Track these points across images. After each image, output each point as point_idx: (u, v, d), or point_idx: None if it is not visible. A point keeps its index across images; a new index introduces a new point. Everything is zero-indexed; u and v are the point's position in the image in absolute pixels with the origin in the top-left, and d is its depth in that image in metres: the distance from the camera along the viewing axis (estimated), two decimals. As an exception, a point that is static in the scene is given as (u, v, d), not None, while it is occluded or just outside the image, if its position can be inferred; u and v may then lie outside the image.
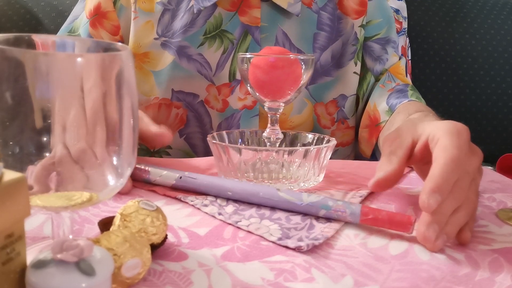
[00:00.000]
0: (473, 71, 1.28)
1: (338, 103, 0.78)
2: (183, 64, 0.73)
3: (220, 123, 0.75)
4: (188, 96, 0.74)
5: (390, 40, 0.80)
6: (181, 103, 0.74)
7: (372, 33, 0.80)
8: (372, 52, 0.80)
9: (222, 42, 0.73)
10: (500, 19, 1.31)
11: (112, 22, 0.76)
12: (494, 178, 0.60)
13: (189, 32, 0.73)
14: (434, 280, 0.34)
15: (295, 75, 0.54)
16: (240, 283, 0.33)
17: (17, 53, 0.26)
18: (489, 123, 1.29)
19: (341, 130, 0.80)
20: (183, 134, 0.76)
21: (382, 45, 0.80)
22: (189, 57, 0.73)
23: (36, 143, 0.27)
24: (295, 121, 0.77)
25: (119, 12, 0.75)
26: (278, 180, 0.51)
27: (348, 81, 0.78)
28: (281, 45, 0.75)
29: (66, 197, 0.28)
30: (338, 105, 0.78)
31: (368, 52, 0.79)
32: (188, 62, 0.73)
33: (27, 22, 1.21)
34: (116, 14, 0.75)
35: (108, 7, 0.75)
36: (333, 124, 0.79)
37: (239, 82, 0.74)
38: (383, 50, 0.80)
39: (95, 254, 0.26)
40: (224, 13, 0.74)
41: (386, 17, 0.81)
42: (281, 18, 0.75)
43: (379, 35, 0.80)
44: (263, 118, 0.75)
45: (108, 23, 0.76)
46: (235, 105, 0.75)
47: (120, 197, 0.47)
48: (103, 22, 0.76)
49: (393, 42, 0.81)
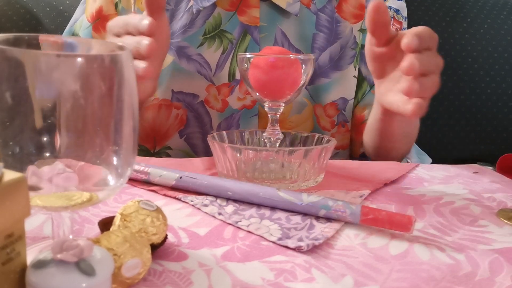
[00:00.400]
0: (473, 71, 1.28)
1: (339, 106, 0.78)
2: (182, 64, 0.73)
3: (220, 123, 0.75)
4: (188, 97, 0.74)
5: None
6: (181, 103, 0.74)
7: None
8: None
9: (221, 42, 0.73)
10: (500, 19, 1.31)
11: None
12: (494, 178, 0.60)
13: (188, 32, 0.73)
14: (434, 280, 0.34)
15: (295, 75, 0.54)
16: (240, 283, 0.33)
17: (17, 53, 0.26)
18: (489, 123, 1.29)
19: (341, 133, 0.80)
20: (183, 134, 0.76)
21: None
22: (188, 57, 0.73)
23: (36, 143, 0.27)
24: (295, 121, 0.77)
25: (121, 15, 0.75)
26: (278, 180, 0.51)
27: (348, 85, 0.78)
28: (280, 45, 0.75)
29: (66, 197, 0.28)
30: (338, 108, 0.79)
31: (363, 60, 0.80)
32: (188, 62, 0.73)
33: (27, 22, 1.21)
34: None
35: (110, 10, 0.75)
36: (333, 127, 0.79)
37: (238, 82, 0.74)
38: None
39: (95, 254, 0.26)
40: (223, 13, 0.74)
41: None
42: (280, 18, 0.75)
43: None
44: (263, 118, 0.76)
45: None
46: (235, 105, 0.75)
47: (120, 197, 0.47)
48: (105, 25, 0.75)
49: None
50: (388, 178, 0.56)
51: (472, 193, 0.54)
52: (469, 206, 0.49)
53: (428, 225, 0.44)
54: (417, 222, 0.44)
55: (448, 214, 0.47)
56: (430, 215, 0.46)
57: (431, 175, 0.60)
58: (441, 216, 0.46)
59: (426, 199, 0.51)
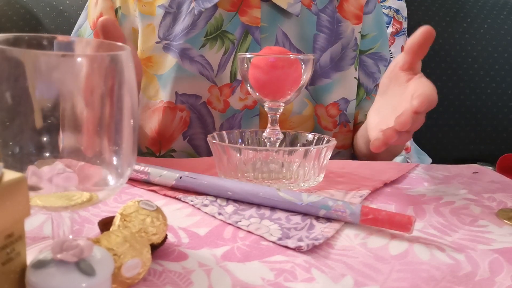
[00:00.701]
0: (473, 71, 1.28)
1: (340, 106, 0.79)
2: (185, 66, 0.73)
3: (222, 123, 0.76)
4: (191, 98, 0.74)
5: (382, 57, 0.82)
6: (184, 105, 0.75)
7: (367, 46, 0.81)
8: (365, 67, 0.81)
9: (223, 43, 0.74)
10: (500, 19, 1.31)
11: None
12: (494, 178, 0.60)
13: (190, 34, 0.73)
14: (434, 280, 0.34)
15: (295, 75, 0.54)
16: (240, 283, 0.33)
17: (17, 53, 0.26)
18: (489, 123, 1.29)
19: (343, 133, 0.80)
20: (187, 136, 0.76)
21: (375, 61, 0.81)
22: (191, 59, 0.73)
23: (36, 143, 0.27)
24: (295, 121, 0.77)
25: (121, 21, 0.76)
26: (278, 180, 0.51)
27: (349, 85, 0.79)
28: (281, 45, 0.75)
29: (66, 197, 0.28)
30: (340, 108, 0.79)
31: (361, 66, 0.80)
32: (191, 64, 0.73)
33: (27, 22, 1.21)
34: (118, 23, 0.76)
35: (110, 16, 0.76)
36: (335, 127, 0.79)
37: (239, 82, 0.74)
38: (376, 67, 0.81)
39: (95, 254, 0.26)
40: (224, 13, 0.74)
41: (381, 31, 0.82)
42: (281, 19, 0.75)
43: (373, 49, 0.81)
44: (264, 118, 0.76)
45: None
46: (236, 105, 0.75)
47: (120, 197, 0.47)
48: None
49: (385, 60, 0.83)
50: (388, 178, 0.56)
51: (472, 193, 0.54)
52: (469, 206, 0.50)
53: (428, 225, 0.44)
54: (417, 222, 0.44)
55: (448, 214, 0.47)
56: (430, 215, 0.46)
57: (431, 175, 0.60)
58: (441, 216, 0.46)
59: (426, 199, 0.51)
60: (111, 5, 0.76)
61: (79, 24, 0.80)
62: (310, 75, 0.55)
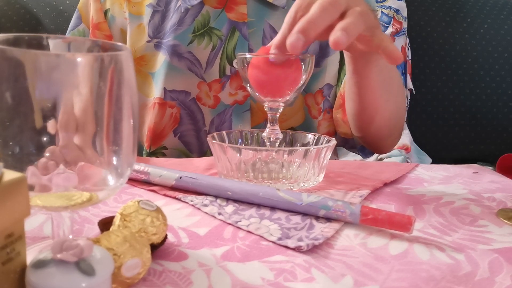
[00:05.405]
0: (473, 71, 1.28)
1: (324, 92, 0.79)
2: (174, 63, 0.74)
3: (212, 119, 0.76)
4: (180, 94, 0.75)
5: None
6: (174, 102, 0.76)
7: None
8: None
9: (210, 39, 0.74)
10: (500, 19, 1.31)
11: (105, 32, 0.79)
12: (494, 178, 0.60)
13: (178, 31, 0.74)
14: (434, 280, 0.34)
15: (295, 74, 0.54)
16: (240, 283, 0.33)
17: (17, 53, 0.26)
18: (489, 123, 1.29)
19: (327, 120, 0.80)
20: (177, 132, 0.77)
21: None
22: (179, 55, 0.74)
23: (36, 143, 0.27)
24: (287, 114, 0.77)
25: (110, 22, 0.78)
26: (278, 180, 0.51)
27: (332, 71, 0.78)
28: (269, 38, 0.75)
29: (66, 197, 0.28)
30: (323, 94, 0.79)
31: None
32: (179, 60, 0.74)
33: (27, 22, 1.21)
34: (108, 25, 0.78)
35: (100, 18, 0.78)
36: (320, 114, 0.79)
37: (229, 77, 0.75)
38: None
39: (95, 254, 0.26)
40: (211, 10, 0.75)
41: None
42: (268, 12, 0.75)
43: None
44: (255, 113, 0.76)
45: (101, 34, 0.79)
46: (227, 100, 0.76)
47: (120, 197, 0.47)
48: (96, 33, 0.80)
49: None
50: (388, 178, 0.56)
51: (472, 193, 0.54)
52: (469, 206, 0.49)
53: (428, 225, 0.44)
54: (417, 222, 0.44)
55: (448, 214, 0.47)
56: (430, 215, 0.46)
57: (431, 175, 0.60)
58: (441, 216, 0.46)
59: (426, 199, 0.51)
60: (100, 7, 0.78)
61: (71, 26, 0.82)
62: (310, 74, 0.55)
